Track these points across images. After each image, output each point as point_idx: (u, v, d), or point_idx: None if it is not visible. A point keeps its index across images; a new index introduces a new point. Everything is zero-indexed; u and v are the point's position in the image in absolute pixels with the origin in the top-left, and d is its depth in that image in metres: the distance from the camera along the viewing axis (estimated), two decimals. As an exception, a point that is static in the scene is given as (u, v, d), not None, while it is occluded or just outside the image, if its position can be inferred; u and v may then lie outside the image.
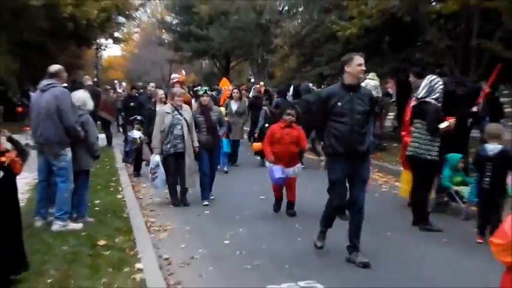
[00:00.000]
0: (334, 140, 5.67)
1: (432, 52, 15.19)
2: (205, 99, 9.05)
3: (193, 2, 37.01)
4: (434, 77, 7.59)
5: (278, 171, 7.72)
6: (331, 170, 5.82)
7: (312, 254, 6.18)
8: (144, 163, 11.28)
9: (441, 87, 7.43)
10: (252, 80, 36.05)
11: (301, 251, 6.35)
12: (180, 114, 8.63)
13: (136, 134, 11.32)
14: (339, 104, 5.64)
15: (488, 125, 7.44)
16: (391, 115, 19.64)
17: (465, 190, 7.90)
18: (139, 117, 11.59)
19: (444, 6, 13.60)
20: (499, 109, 10.82)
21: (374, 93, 13.59)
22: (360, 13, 15.06)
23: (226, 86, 15.40)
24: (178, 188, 8.87)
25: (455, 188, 8.03)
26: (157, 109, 10.22)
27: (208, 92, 9.24)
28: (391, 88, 16.69)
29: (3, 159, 5.05)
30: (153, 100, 11.45)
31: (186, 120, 8.58)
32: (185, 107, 8.95)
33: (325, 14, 18.76)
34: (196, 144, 8.70)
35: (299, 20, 24.90)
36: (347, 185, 5.94)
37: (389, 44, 17.74)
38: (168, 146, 8.55)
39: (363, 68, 5.77)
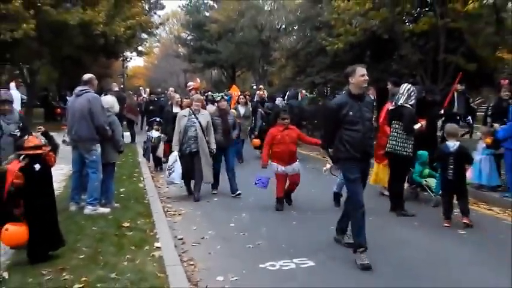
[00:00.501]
0: (349, 146, 5.19)
1: (406, 64, 15.25)
2: (223, 104, 8.79)
3: (204, 21, 37.00)
4: (410, 86, 7.52)
5: (264, 179, 7.56)
6: (349, 171, 5.28)
7: (305, 236, 6.13)
8: (162, 159, 10.94)
9: (415, 94, 7.38)
10: (254, 87, 36.00)
11: (296, 233, 6.31)
12: (195, 117, 8.18)
13: (154, 133, 11.02)
14: (351, 113, 5.19)
15: (447, 125, 7.39)
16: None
17: (432, 182, 7.86)
18: (158, 119, 11.30)
19: (416, 26, 13.77)
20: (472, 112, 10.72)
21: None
22: (346, 31, 15.16)
23: (235, 92, 14.69)
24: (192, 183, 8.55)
25: (425, 181, 7.99)
26: (173, 110, 10.02)
27: (224, 97, 8.75)
28: (372, 95, 16.60)
29: (39, 151, 5.00)
30: (169, 103, 11.26)
31: (200, 124, 8.15)
32: (204, 112, 8.46)
33: (317, 31, 18.69)
34: (214, 146, 8.26)
35: (294, 37, 24.87)
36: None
37: (371, 57, 17.67)
38: (184, 146, 8.15)
39: (366, 78, 5.27)
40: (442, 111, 8.97)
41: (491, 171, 8.43)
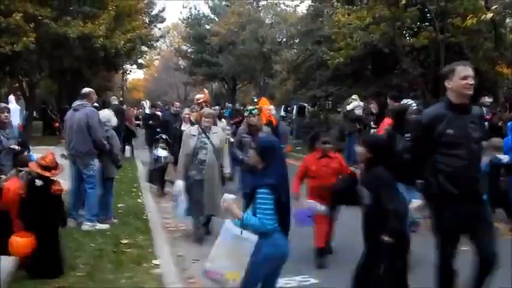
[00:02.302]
0: (445, 178, 3.73)
1: (407, 78, 15.31)
2: (253, 120, 7.29)
3: (205, 33, 37.23)
4: (410, 102, 7.60)
5: (304, 212, 5.48)
6: (439, 218, 3.84)
7: (308, 253, 6.09)
8: (168, 183, 9.68)
9: (415, 110, 7.42)
10: (255, 100, 36.05)
11: (299, 250, 6.23)
12: (207, 137, 6.69)
13: (161, 153, 9.72)
14: (450, 131, 3.73)
15: (494, 139, 7.57)
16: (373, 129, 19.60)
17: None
18: (164, 136, 9.99)
19: (416, 40, 13.84)
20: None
21: (357, 111, 13.66)
22: (346, 45, 15.26)
23: (266, 105, 12.44)
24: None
25: None
26: (183, 128, 8.90)
27: (253, 112, 7.30)
28: (374, 108, 16.63)
29: (47, 174, 4.93)
30: (182, 116, 10.27)
31: (212, 144, 6.66)
32: (216, 129, 7.03)
33: (318, 45, 18.79)
34: (228, 170, 7.21)
35: (295, 50, 24.95)
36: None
37: (372, 71, 17.77)
38: (193, 172, 6.60)
39: (470, 81, 3.80)
40: None
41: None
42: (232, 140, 8.76)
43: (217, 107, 17.10)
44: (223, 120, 11.65)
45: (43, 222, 4.86)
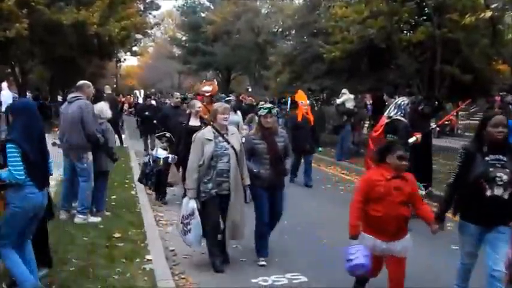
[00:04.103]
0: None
1: (403, 74, 15.34)
2: (269, 121, 5.68)
3: (200, 22, 37.08)
4: (402, 98, 7.72)
5: (361, 253, 4.19)
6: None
7: (299, 251, 6.14)
8: (173, 188, 8.71)
9: (407, 106, 7.52)
10: (250, 90, 36.05)
11: (289, 248, 6.29)
12: (226, 140, 5.38)
13: (161, 153, 8.58)
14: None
15: None
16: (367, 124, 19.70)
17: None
18: (168, 134, 8.81)
19: (413, 35, 13.88)
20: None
21: (347, 104, 13.73)
22: (343, 38, 15.25)
23: (303, 100, 10.56)
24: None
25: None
26: (191, 123, 7.89)
27: (273, 111, 5.80)
28: (368, 100, 16.69)
29: None
30: (187, 112, 8.74)
31: (234, 149, 5.37)
32: (232, 129, 5.65)
33: (314, 37, 18.76)
34: (248, 182, 5.53)
35: (291, 42, 24.92)
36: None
37: (367, 66, 17.77)
38: (210, 185, 5.29)
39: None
40: (434, 126, 9.06)
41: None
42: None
43: (223, 95, 16.91)
44: (238, 112, 10.38)
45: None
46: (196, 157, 5.31)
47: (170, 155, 8.34)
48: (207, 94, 9.67)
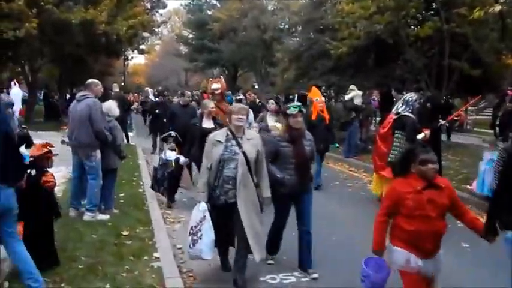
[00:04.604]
0: None
1: (410, 69, 15.23)
2: (299, 121, 5.18)
3: (207, 19, 37.07)
4: (410, 94, 7.67)
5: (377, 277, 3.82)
6: None
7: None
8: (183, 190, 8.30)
9: (415, 102, 7.46)
10: (256, 87, 36.04)
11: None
12: (237, 144, 4.85)
13: (170, 155, 8.11)
14: None
15: None
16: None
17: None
18: (173, 133, 8.40)
19: (421, 30, 13.76)
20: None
21: (356, 101, 13.71)
22: (349, 34, 15.14)
23: (318, 97, 9.98)
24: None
25: None
26: (204, 125, 7.51)
27: (302, 109, 5.30)
28: (375, 95, 16.62)
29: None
30: (199, 111, 8.35)
31: (245, 155, 4.80)
32: (250, 134, 5.12)
33: (320, 34, 18.68)
34: (267, 194, 4.94)
35: (297, 38, 24.84)
36: None
37: (374, 61, 17.67)
38: (217, 191, 4.85)
39: None
40: (443, 122, 8.94)
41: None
42: None
43: (240, 95, 16.63)
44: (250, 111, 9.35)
45: (34, 214, 4.83)
46: (206, 160, 4.95)
47: (181, 157, 7.96)
48: (216, 92, 9.13)
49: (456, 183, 8.88)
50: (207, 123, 7.57)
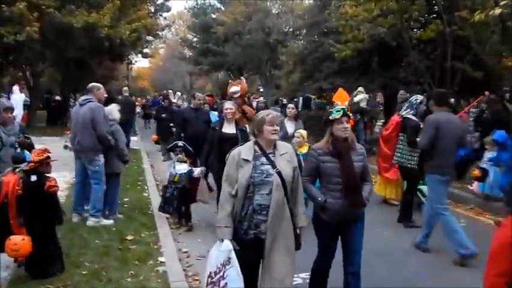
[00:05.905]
0: None
1: (414, 71, 15.31)
2: (346, 128, 4.07)
3: (211, 23, 37.13)
4: (415, 96, 7.70)
5: None
6: None
7: (313, 251, 6.04)
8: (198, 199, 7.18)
9: (420, 104, 7.48)
10: (261, 90, 36.04)
11: (304, 247, 6.18)
12: (270, 162, 3.75)
13: (180, 168, 7.11)
14: None
15: None
16: (380, 122, 19.61)
17: (425, 188, 7.72)
18: (180, 143, 7.39)
19: (423, 33, 13.82)
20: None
21: (362, 104, 13.79)
22: (353, 37, 15.22)
23: (339, 101, 9.12)
24: None
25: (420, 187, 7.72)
26: (224, 130, 6.58)
27: (348, 114, 4.14)
28: (379, 98, 16.63)
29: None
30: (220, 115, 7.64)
31: (281, 176, 3.69)
32: (284, 147, 3.89)
33: (324, 37, 18.72)
34: (303, 223, 3.87)
35: (302, 41, 24.86)
36: None
37: (378, 64, 17.69)
38: (245, 224, 3.75)
39: None
40: None
41: (495, 181, 8.42)
42: None
43: (261, 99, 16.28)
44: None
45: (38, 219, 4.85)
46: (228, 185, 3.78)
47: (196, 169, 7.05)
48: (235, 96, 8.14)
49: (458, 183, 8.93)
50: (228, 128, 6.65)
